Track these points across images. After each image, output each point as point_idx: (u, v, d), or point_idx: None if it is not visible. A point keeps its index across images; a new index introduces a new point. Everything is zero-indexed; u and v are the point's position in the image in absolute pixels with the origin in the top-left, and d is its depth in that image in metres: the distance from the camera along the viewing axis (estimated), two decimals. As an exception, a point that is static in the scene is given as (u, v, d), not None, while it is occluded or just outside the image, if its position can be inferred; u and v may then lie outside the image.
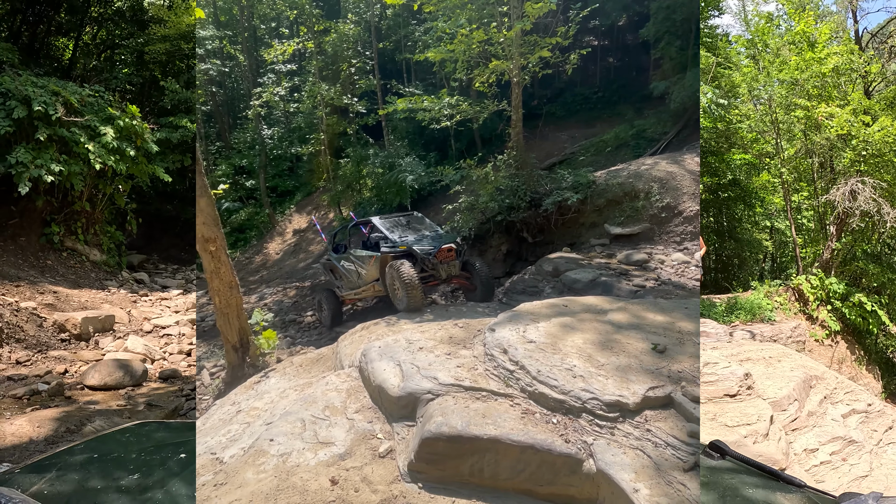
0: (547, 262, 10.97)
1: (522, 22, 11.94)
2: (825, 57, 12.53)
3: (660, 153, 15.85)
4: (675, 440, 3.35)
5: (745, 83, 14.10)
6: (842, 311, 12.51)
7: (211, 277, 7.80)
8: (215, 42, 25.61)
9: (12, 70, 13.20)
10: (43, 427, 6.28)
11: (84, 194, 14.83)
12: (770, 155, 14.96)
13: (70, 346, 9.81)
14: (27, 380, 8.05)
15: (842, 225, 13.01)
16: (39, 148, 12.61)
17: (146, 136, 14.52)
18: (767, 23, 14.44)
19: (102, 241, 15.90)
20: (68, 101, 12.90)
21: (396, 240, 9.38)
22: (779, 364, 8.06)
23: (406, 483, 3.77)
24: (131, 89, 20.03)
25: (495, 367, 4.40)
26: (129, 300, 13.21)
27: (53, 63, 19.58)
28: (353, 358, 5.97)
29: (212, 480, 3.92)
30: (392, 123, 21.48)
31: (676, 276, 9.80)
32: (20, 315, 9.83)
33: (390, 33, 23.92)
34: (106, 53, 21.30)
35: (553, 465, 3.50)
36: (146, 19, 20.17)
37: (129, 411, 7.23)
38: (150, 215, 21.53)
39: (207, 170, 24.52)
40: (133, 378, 8.35)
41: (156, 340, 10.75)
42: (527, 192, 12.99)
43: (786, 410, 6.95)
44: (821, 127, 12.60)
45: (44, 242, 14.29)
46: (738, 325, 11.48)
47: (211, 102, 27.72)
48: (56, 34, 19.87)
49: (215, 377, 9.12)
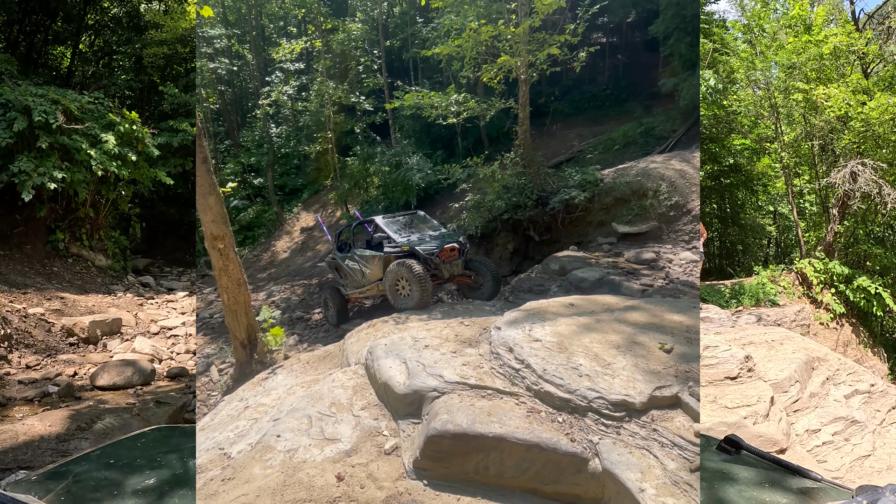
0: (553, 260, 10.91)
1: (531, 18, 11.87)
2: (823, 39, 12.46)
3: (668, 151, 15.81)
4: (681, 440, 3.35)
5: (742, 68, 14.05)
6: (846, 294, 12.49)
7: (219, 275, 7.85)
8: (223, 41, 25.63)
9: (11, 80, 13.21)
10: (54, 426, 6.31)
11: (87, 200, 14.89)
12: (770, 139, 14.91)
13: (79, 350, 9.92)
14: (38, 383, 8.15)
15: (843, 208, 12.97)
16: (41, 156, 12.64)
17: (147, 140, 14.53)
18: (763, 7, 14.36)
19: (107, 246, 15.99)
20: (68, 108, 12.91)
21: (399, 240, 9.38)
22: (781, 347, 8.10)
23: (411, 480, 3.77)
24: (130, 95, 20.02)
25: (501, 365, 4.40)
26: (136, 303, 13.29)
27: (52, 72, 19.64)
28: (359, 355, 5.97)
29: (219, 475, 3.95)
30: (399, 122, 21.52)
31: (685, 276, 9.73)
32: (28, 321, 9.89)
33: (397, 31, 24.00)
34: (104, 60, 21.31)
35: (558, 464, 3.49)
36: (142, 25, 20.16)
37: (139, 408, 7.31)
38: (154, 219, 21.68)
39: (216, 168, 24.52)
40: (142, 377, 8.49)
41: (163, 341, 10.85)
42: (534, 191, 12.94)
43: (787, 392, 7.00)
44: (819, 109, 12.55)
45: (49, 249, 14.37)
46: (743, 310, 11.47)
47: (219, 101, 27.74)
48: (53, 43, 19.93)
49: (224, 373, 9.20)
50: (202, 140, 7.56)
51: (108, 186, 15.29)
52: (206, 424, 5.58)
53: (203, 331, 12.99)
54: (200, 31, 23.90)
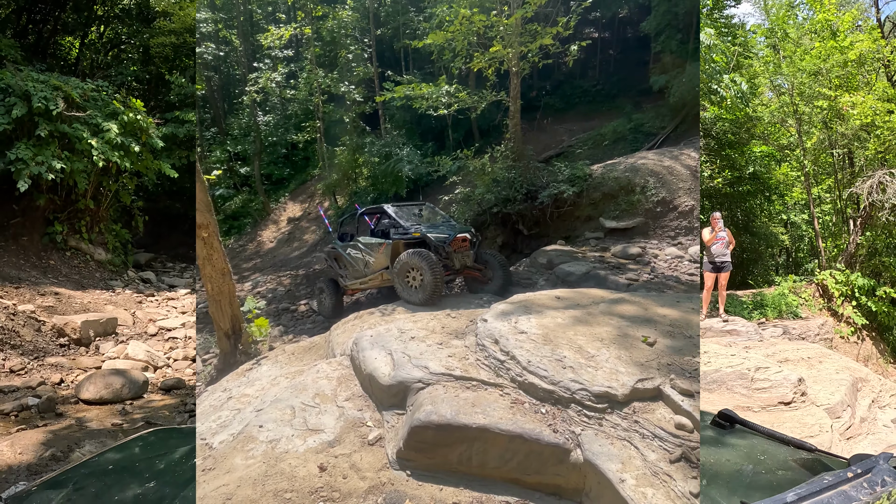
0: (541, 254, 11.03)
1: (524, 9, 11.81)
2: (849, 45, 12.26)
3: (657, 147, 15.79)
4: (662, 432, 3.37)
5: (765, 73, 13.86)
6: (867, 307, 12.23)
7: (203, 264, 7.79)
8: (210, 25, 25.43)
9: (14, 66, 13.05)
10: (26, 453, 5.76)
11: (88, 192, 14.59)
12: (790, 147, 14.71)
13: (69, 352, 9.46)
14: (18, 392, 7.67)
15: (866, 218, 12.73)
16: (40, 144, 12.38)
17: (151, 130, 14.27)
18: (787, 11, 14.19)
19: (108, 239, 15.69)
20: (70, 95, 12.66)
21: (409, 227, 9.11)
22: (820, 365, 7.71)
23: (394, 470, 3.80)
24: (138, 86, 20.03)
25: (486, 357, 4.43)
26: (135, 301, 13.00)
27: (60, 61, 19.63)
28: (344, 346, 5.98)
29: (200, 465, 3.95)
30: (389, 112, 21.39)
31: (670, 270, 9.87)
32: (17, 319, 9.49)
33: (389, 20, 23.81)
34: (112, 52, 21.34)
35: (541, 454, 3.51)
36: (151, 16, 20.15)
37: (124, 432, 6.67)
38: (158, 213, 21.52)
39: (202, 156, 24.58)
40: (132, 389, 7.93)
41: (160, 345, 10.52)
42: (523, 185, 12.98)
43: (840, 417, 6.59)
44: (844, 117, 12.35)
45: (46, 242, 14.05)
46: (767, 323, 11.21)
47: (206, 87, 27.48)
48: (62, 33, 19.93)
49: (207, 364, 9.08)
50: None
51: (110, 178, 15.04)
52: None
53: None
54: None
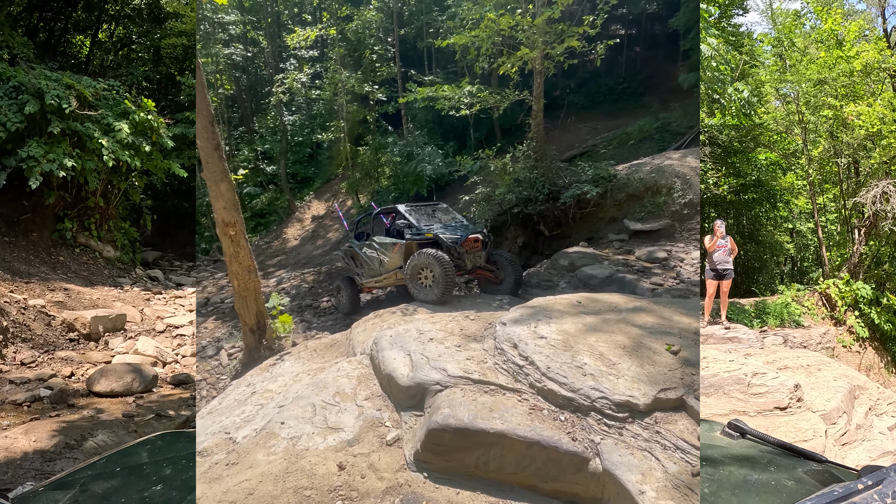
0: (563, 256, 10.79)
1: (551, 9, 11.68)
2: (855, 55, 12.23)
3: (685, 147, 15.44)
4: (684, 443, 3.31)
5: (771, 81, 13.82)
6: (870, 317, 12.18)
7: (230, 261, 7.92)
8: (239, 27, 25.81)
9: (27, 64, 13.10)
10: (40, 441, 5.78)
11: (98, 190, 14.68)
12: (795, 155, 14.68)
13: (78, 347, 9.46)
14: (30, 384, 7.70)
15: (870, 228, 12.70)
16: (52, 142, 12.44)
17: (162, 130, 14.31)
18: (794, 21, 14.14)
19: (116, 237, 15.79)
20: (82, 94, 12.72)
21: (422, 227, 9.21)
22: (819, 373, 7.78)
23: (412, 472, 3.79)
24: (148, 86, 20.10)
25: (505, 361, 4.39)
26: (143, 298, 13.02)
27: (70, 60, 19.70)
28: (364, 345, 6.02)
29: (224, 459, 4.01)
30: (411, 112, 21.45)
31: (696, 275, 9.65)
32: (28, 313, 9.52)
33: (412, 20, 23.89)
34: (123, 51, 21.42)
35: (559, 462, 3.48)
36: (162, 16, 20.24)
37: (136, 423, 6.79)
38: (166, 212, 21.66)
39: (229, 155, 24.62)
40: (143, 383, 7.97)
41: (168, 341, 10.55)
42: (545, 185, 12.81)
43: (835, 424, 6.69)
44: (849, 126, 12.32)
45: (56, 238, 14.14)
46: (768, 331, 11.21)
47: (234, 87, 27.80)
48: (73, 31, 20.01)
49: (233, 358, 9.25)
50: (215, 127, 7.54)
51: (120, 176, 15.12)
52: (213, 408, 5.69)
53: (215, 315, 12.93)
54: (216, 18, 23.99)
